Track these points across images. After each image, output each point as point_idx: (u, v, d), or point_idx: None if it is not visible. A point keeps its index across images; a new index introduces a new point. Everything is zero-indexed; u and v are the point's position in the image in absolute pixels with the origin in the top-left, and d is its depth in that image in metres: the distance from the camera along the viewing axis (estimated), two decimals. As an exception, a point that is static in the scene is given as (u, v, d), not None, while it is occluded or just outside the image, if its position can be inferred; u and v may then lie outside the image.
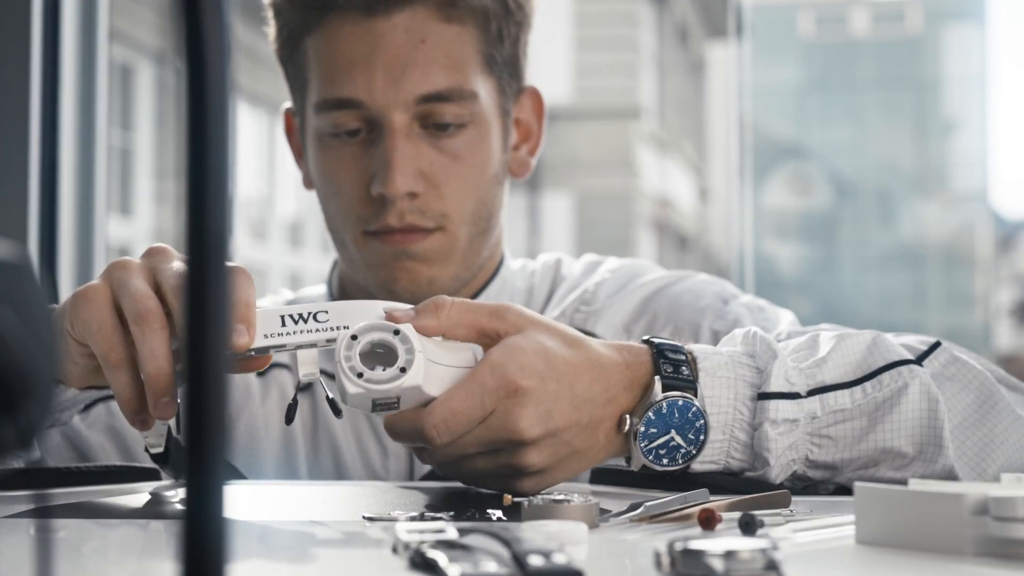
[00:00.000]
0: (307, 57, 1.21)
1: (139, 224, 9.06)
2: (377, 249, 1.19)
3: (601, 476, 1.02)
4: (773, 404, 0.94)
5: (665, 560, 0.61)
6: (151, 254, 0.93)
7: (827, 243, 19.52)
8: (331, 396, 0.94)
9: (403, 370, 0.88)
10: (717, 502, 0.80)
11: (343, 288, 1.30)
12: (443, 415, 0.88)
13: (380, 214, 1.18)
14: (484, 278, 1.28)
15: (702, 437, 0.94)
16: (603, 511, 0.81)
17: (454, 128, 1.19)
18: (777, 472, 0.95)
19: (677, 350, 0.95)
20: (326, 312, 0.92)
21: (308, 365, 0.92)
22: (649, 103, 15.07)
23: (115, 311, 0.90)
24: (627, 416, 0.93)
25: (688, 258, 17.66)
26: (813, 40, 20.21)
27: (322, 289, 1.33)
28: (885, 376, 0.96)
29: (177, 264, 0.91)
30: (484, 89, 1.21)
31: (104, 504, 0.93)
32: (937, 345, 1.00)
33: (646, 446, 0.93)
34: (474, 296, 1.27)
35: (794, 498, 0.86)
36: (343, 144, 1.19)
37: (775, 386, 0.94)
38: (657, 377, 0.93)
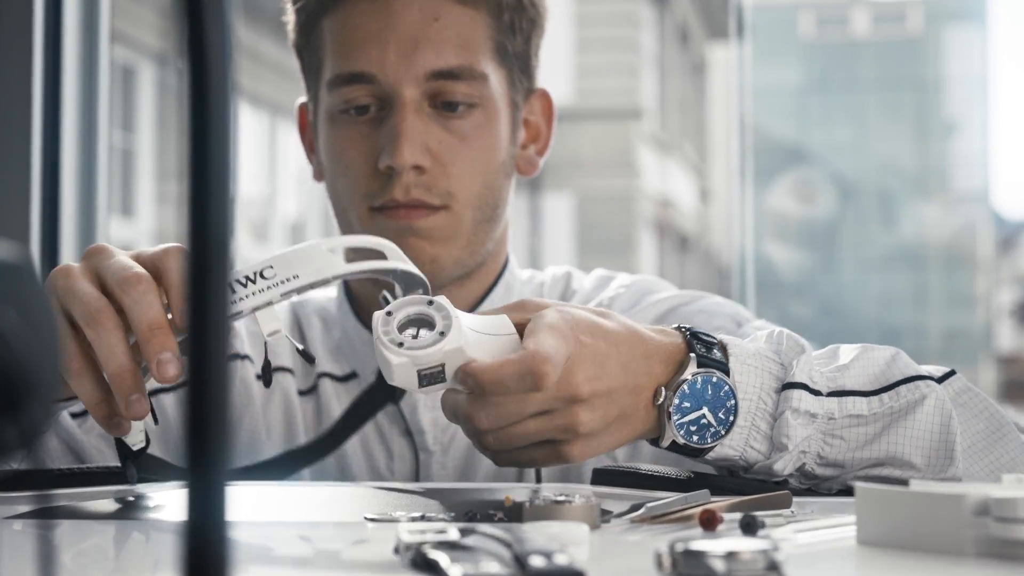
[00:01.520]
0: (323, 38, 1.23)
1: (141, 225, 9.06)
2: (382, 225, 1.19)
3: (602, 477, 1.02)
4: (797, 393, 0.95)
5: (666, 561, 0.61)
6: (90, 255, 0.92)
7: (828, 244, 19.51)
8: (301, 348, 0.94)
9: (442, 334, 0.88)
10: (718, 503, 0.80)
11: (348, 287, 1.29)
12: (547, 353, 0.87)
13: (386, 188, 1.18)
14: (488, 280, 1.27)
15: (732, 418, 0.95)
16: (604, 512, 0.81)
17: (463, 108, 1.20)
18: (787, 462, 0.95)
19: (708, 335, 0.97)
20: (272, 267, 0.90)
21: (270, 323, 0.90)
22: (650, 104, 15.06)
23: (67, 319, 0.89)
24: (662, 388, 0.94)
25: (689, 259, 17.66)
26: (814, 41, 20.20)
27: (332, 291, 1.32)
28: (902, 388, 0.98)
29: (119, 259, 0.90)
30: (495, 76, 1.22)
31: (105, 505, 0.93)
32: (952, 373, 1.02)
33: (678, 420, 0.94)
34: (480, 299, 1.27)
35: (795, 499, 0.86)
36: (353, 122, 1.21)
37: (800, 377, 0.96)
38: (692, 354, 0.95)
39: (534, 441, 0.91)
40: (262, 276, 0.90)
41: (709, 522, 0.76)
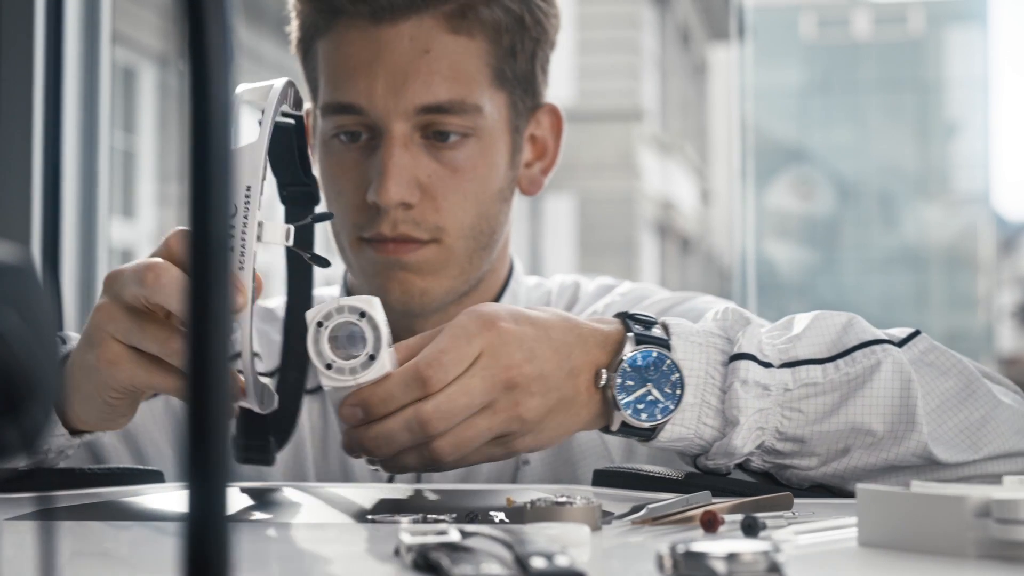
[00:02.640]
0: (318, 60, 1.21)
1: (142, 226, 9.06)
2: (370, 257, 1.18)
3: (603, 478, 1.02)
4: (744, 364, 0.94)
5: (667, 562, 0.61)
6: (108, 286, 0.92)
7: (829, 245, 19.52)
8: (310, 254, 0.96)
9: (330, 365, 0.88)
10: (719, 504, 0.80)
11: (351, 290, 1.29)
12: (434, 354, 0.88)
13: (374, 222, 1.16)
14: (490, 294, 1.27)
15: (679, 391, 0.94)
16: (605, 513, 0.81)
17: (456, 139, 1.17)
18: (744, 438, 0.94)
19: (647, 315, 0.97)
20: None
21: (276, 235, 0.90)
22: (651, 105, 15.06)
23: (143, 355, 0.90)
24: (603, 371, 0.94)
25: (690, 260, 17.65)
26: (815, 42, 20.21)
27: (336, 290, 1.32)
28: (858, 353, 0.97)
29: (127, 270, 0.90)
30: (492, 103, 1.19)
31: (108, 506, 0.93)
32: (917, 333, 1.00)
33: (624, 399, 0.94)
34: None
35: (796, 500, 0.86)
36: (345, 148, 1.19)
37: (747, 348, 0.95)
38: (630, 334, 0.95)
39: (486, 440, 0.91)
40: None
41: (710, 523, 0.76)
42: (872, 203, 19.78)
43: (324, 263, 0.99)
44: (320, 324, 0.88)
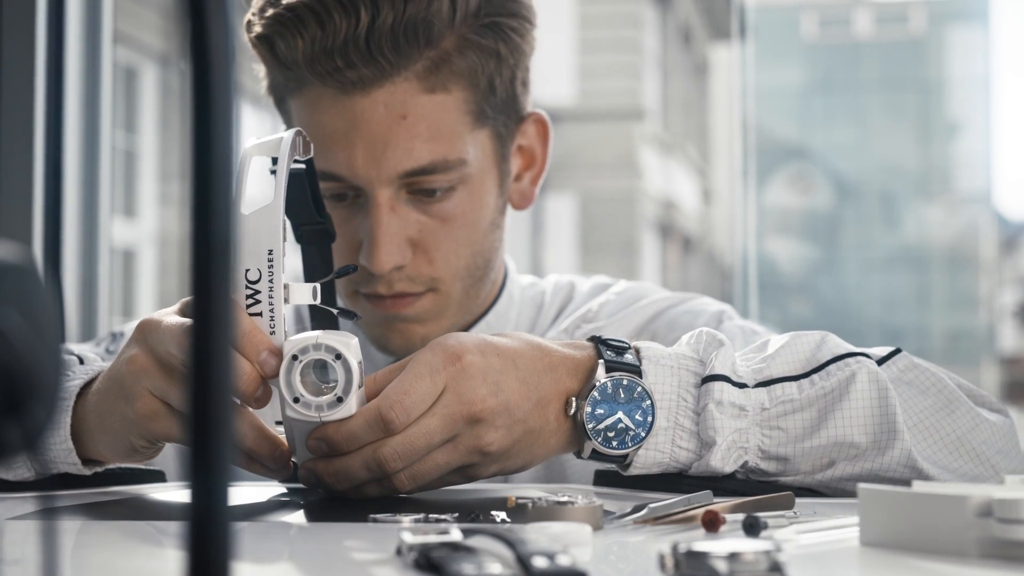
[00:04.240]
0: (291, 115, 1.18)
1: (143, 226, 9.06)
2: (368, 310, 1.18)
3: (605, 478, 1.02)
4: (717, 386, 0.94)
5: (669, 562, 0.61)
6: (143, 337, 0.92)
7: (830, 244, 19.50)
8: (339, 308, 0.97)
9: (297, 399, 0.89)
10: (721, 504, 0.80)
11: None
12: (396, 395, 0.88)
13: (369, 281, 1.16)
14: (487, 302, 1.27)
15: (650, 419, 0.94)
16: (607, 513, 0.81)
17: (443, 191, 1.15)
18: (722, 457, 0.94)
19: (621, 341, 0.97)
20: (247, 269, 0.89)
21: (305, 295, 0.91)
22: (652, 105, 15.04)
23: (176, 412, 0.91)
24: (573, 399, 0.94)
25: (692, 260, 17.65)
26: (816, 41, 20.19)
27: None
28: (832, 367, 0.97)
29: (163, 334, 0.90)
30: (476, 145, 1.17)
31: (110, 505, 0.93)
32: (897, 352, 1.00)
33: (594, 428, 0.94)
34: (482, 315, 1.26)
35: (798, 500, 0.86)
36: (331, 206, 1.16)
37: (719, 369, 0.95)
38: (601, 361, 0.94)
39: (445, 472, 0.92)
40: (250, 282, 0.89)
41: (712, 523, 0.76)
42: (873, 202, 19.76)
43: (352, 316, 1.00)
44: (295, 357, 0.88)
